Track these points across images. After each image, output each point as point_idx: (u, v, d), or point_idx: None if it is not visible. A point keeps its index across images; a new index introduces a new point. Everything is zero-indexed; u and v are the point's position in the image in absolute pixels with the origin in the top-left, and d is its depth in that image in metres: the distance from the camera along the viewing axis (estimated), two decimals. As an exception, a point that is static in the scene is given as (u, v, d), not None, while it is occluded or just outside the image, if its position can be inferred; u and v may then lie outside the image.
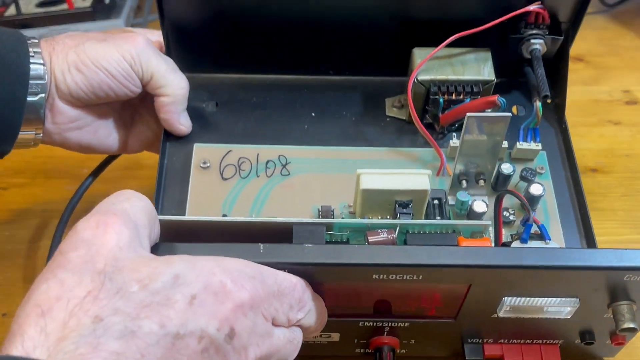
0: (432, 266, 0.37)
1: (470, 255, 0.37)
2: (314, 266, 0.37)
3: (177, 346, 0.30)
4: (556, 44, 0.52)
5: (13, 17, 0.92)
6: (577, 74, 0.86)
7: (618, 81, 0.83)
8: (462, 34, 0.49)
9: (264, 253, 0.37)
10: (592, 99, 0.80)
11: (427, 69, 0.50)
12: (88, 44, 0.49)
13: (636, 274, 0.37)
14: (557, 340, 0.45)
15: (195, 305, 0.31)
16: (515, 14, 0.50)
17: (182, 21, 0.54)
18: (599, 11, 0.95)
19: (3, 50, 0.47)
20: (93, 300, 0.30)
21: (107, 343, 0.29)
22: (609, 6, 0.98)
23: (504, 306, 0.41)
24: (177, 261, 0.33)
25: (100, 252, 0.32)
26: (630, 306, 0.40)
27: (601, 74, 0.85)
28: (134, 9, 1.02)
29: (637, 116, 0.76)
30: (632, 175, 0.68)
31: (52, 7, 0.94)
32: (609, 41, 0.93)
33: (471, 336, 0.45)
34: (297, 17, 0.53)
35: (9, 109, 0.47)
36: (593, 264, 0.37)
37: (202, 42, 0.56)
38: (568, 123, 0.56)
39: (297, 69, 0.57)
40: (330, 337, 0.45)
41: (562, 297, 0.40)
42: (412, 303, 0.42)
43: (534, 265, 0.37)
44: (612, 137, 0.73)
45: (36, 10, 0.94)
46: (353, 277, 0.39)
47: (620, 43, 0.92)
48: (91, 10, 0.93)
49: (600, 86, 0.82)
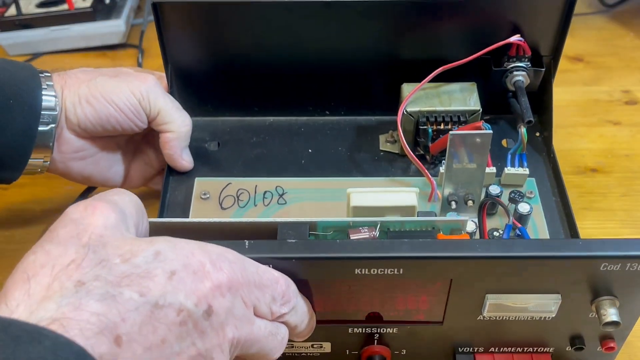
0: (412, 258, 0.39)
1: (448, 246, 0.39)
2: (297, 260, 0.39)
3: (156, 315, 0.31)
4: (539, 75, 0.55)
5: (13, 17, 0.93)
6: (577, 74, 0.86)
7: (618, 81, 0.83)
8: (447, 66, 0.52)
9: (249, 248, 0.38)
10: (592, 99, 0.80)
11: (415, 101, 0.53)
12: (100, 79, 0.52)
13: (612, 263, 0.38)
14: (547, 347, 0.46)
15: (175, 281, 0.32)
16: (496, 46, 0.52)
17: (185, 67, 0.57)
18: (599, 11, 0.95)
19: (17, 83, 0.49)
20: (76, 268, 0.31)
21: (89, 304, 0.30)
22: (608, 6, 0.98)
23: (487, 304, 0.41)
24: (159, 241, 0.34)
25: (86, 229, 0.33)
26: (612, 301, 0.41)
27: (601, 74, 0.85)
28: (134, 9, 1.02)
29: (637, 116, 0.77)
30: (632, 175, 0.68)
31: (53, 7, 0.95)
32: (608, 41, 0.93)
33: (462, 345, 0.46)
34: (293, 64, 0.57)
35: (22, 138, 0.50)
36: (568, 253, 0.38)
37: (204, 87, 0.59)
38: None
39: (295, 111, 0.60)
40: (322, 348, 0.46)
41: (543, 293, 0.41)
42: (398, 305, 0.43)
43: (510, 255, 0.38)
44: (612, 137, 0.73)
45: (36, 11, 0.95)
46: (336, 272, 0.40)
47: (620, 43, 0.92)
48: (91, 11, 0.93)
49: (600, 86, 0.83)
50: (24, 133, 0.50)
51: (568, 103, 0.80)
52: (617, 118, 0.76)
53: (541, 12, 0.53)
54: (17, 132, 0.50)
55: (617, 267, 0.38)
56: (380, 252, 0.38)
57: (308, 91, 0.59)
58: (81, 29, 0.93)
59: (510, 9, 0.53)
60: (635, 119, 0.76)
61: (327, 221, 0.43)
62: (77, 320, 0.29)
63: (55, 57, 0.94)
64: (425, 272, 0.40)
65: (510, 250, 0.39)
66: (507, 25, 0.53)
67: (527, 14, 0.53)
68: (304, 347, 0.46)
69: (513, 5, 0.53)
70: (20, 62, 0.52)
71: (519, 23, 0.53)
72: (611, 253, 0.38)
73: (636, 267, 0.38)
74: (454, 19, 0.54)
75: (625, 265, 0.38)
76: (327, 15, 0.54)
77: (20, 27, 0.93)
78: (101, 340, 0.29)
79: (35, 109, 0.50)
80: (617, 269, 0.39)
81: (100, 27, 0.94)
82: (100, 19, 0.94)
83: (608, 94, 0.81)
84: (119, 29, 0.94)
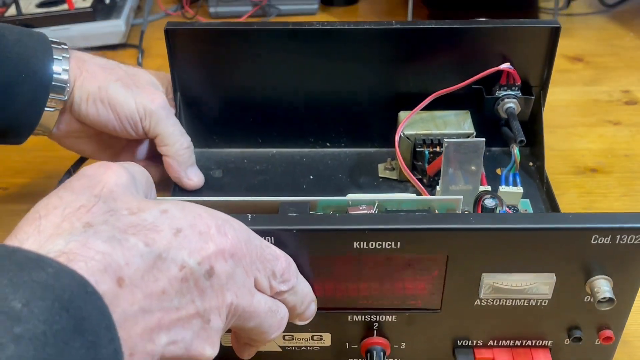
0: (408, 230, 0.39)
1: (443, 218, 0.40)
2: (297, 231, 0.39)
3: (159, 266, 0.32)
4: (529, 104, 0.57)
5: (13, 17, 0.93)
6: (577, 74, 0.86)
7: (618, 81, 0.84)
8: (441, 92, 0.54)
9: (251, 221, 0.39)
10: (591, 99, 0.80)
11: (412, 125, 0.55)
12: (113, 86, 0.53)
13: (602, 235, 0.39)
14: (546, 341, 0.46)
15: (180, 238, 0.33)
16: (487, 72, 0.54)
17: (193, 97, 0.60)
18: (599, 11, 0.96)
19: (31, 58, 0.50)
20: (86, 212, 0.32)
21: (95, 243, 0.30)
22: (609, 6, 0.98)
23: (483, 285, 0.42)
24: (168, 201, 0.35)
25: (99, 183, 0.34)
26: (606, 280, 0.42)
27: (601, 74, 0.86)
28: (134, 9, 1.03)
29: (637, 116, 0.77)
30: (632, 175, 0.68)
31: (53, 7, 0.95)
32: (608, 41, 0.93)
33: (460, 337, 0.46)
34: (294, 100, 0.60)
35: (30, 110, 0.51)
36: (559, 225, 0.40)
37: (211, 118, 0.61)
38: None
39: (297, 143, 0.63)
40: (322, 340, 0.47)
41: (538, 272, 0.42)
42: (396, 291, 0.44)
43: (503, 227, 0.39)
44: (612, 137, 0.73)
45: (36, 11, 0.95)
46: (335, 245, 0.41)
47: (620, 43, 0.92)
48: (91, 11, 0.93)
49: (600, 86, 0.83)
50: (32, 105, 0.51)
51: (568, 103, 0.80)
52: (617, 118, 0.76)
53: (529, 44, 0.56)
54: (26, 105, 0.51)
55: (608, 240, 0.40)
56: (378, 223, 0.40)
57: (310, 124, 0.62)
58: (81, 29, 0.94)
59: (500, 41, 0.56)
60: (635, 119, 0.76)
61: (327, 200, 0.44)
62: (83, 256, 0.30)
63: (55, 57, 0.94)
64: (421, 246, 0.41)
65: (503, 222, 0.40)
66: (498, 56, 0.56)
67: (516, 45, 0.56)
68: (304, 339, 0.46)
69: (503, 38, 0.56)
70: (34, 33, 0.53)
71: (509, 54, 0.56)
72: (601, 225, 0.39)
73: (626, 239, 0.39)
74: (447, 50, 0.57)
75: (615, 237, 0.39)
76: (327, 46, 0.57)
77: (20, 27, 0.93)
78: (104, 278, 0.30)
79: (45, 84, 0.51)
80: (608, 241, 0.40)
81: (100, 27, 0.94)
82: (100, 19, 0.94)
83: (608, 94, 0.81)
84: (119, 29, 0.94)
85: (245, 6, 1.03)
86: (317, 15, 1.07)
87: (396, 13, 1.05)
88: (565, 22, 1.00)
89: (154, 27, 1.01)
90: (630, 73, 0.86)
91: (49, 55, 0.51)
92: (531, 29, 0.55)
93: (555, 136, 0.73)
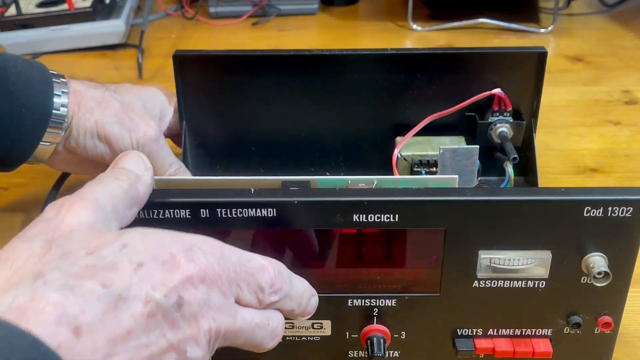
0: (407, 202, 0.41)
1: (440, 192, 0.42)
2: (299, 203, 0.40)
3: (120, 306, 0.31)
4: (521, 129, 0.58)
5: (13, 17, 0.93)
6: (577, 74, 0.86)
7: (618, 81, 0.84)
8: (435, 115, 0.56)
9: (254, 193, 0.40)
10: (591, 99, 0.80)
11: (408, 147, 0.57)
12: (109, 122, 0.54)
13: (594, 207, 0.40)
14: (545, 329, 0.47)
15: (142, 272, 0.32)
16: (479, 97, 0.56)
17: (198, 126, 0.61)
18: (599, 11, 0.96)
19: (31, 91, 0.51)
20: (37, 261, 0.31)
21: (46, 294, 0.29)
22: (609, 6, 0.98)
23: (481, 263, 0.43)
24: (130, 232, 0.34)
25: (57, 226, 0.33)
26: (601, 257, 0.43)
27: (601, 74, 0.86)
28: (134, 9, 1.03)
29: (637, 116, 0.77)
30: (632, 175, 0.68)
31: (53, 7, 0.95)
32: (608, 41, 0.93)
33: (460, 326, 0.47)
34: (295, 129, 0.61)
35: (27, 142, 0.52)
36: (553, 197, 0.41)
37: (215, 149, 0.62)
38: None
39: (297, 171, 0.63)
40: (322, 329, 0.47)
41: (534, 249, 0.43)
42: (396, 274, 0.45)
43: (498, 199, 0.41)
44: (612, 137, 0.73)
45: (36, 11, 0.95)
46: (335, 218, 0.41)
47: (620, 43, 0.93)
48: (91, 11, 0.93)
49: (600, 86, 0.83)
50: (29, 138, 0.52)
51: (568, 103, 0.80)
52: (617, 118, 0.76)
53: (517, 70, 0.58)
54: (23, 138, 0.52)
55: (600, 212, 0.41)
56: (377, 196, 0.41)
57: (310, 153, 0.63)
58: (81, 29, 0.94)
59: (489, 67, 0.58)
60: (635, 119, 0.76)
61: (327, 179, 0.45)
62: (33, 310, 0.28)
63: (55, 57, 0.95)
64: (419, 220, 0.42)
65: (498, 195, 0.41)
66: (489, 83, 0.58)
67: (505, 71, 0.58)
68: (304, 327, 0.47)
69: (492, 63, 0.58)
70: (35, 65, 0.53)
71: (499, 80, 0.58)
72: (593, 197, 0.40)
73: (617, 212, 0.41)
74: (440, 78, 0.58)
75: (607, 210, 0.40)
76: (326, 73, 0.59)
77: (20, 27, 0.94)
78: (59, 331, 0.28)
79: (44, 119, 0.52)
80: (600, 214, 0.41)
81: (100, 27, 0.94)
82: (100, 19, 0.95)
83: (608, 94, 0.81)
84: (119, 29, 0.94)
85: (245, 6, 1.03)
86: (317, 15, 1.07)
87: (396, 13, 1.05)
88: (565, 22, 1.01)
89: (154, 27, 1.02)
90: (630, 73, 0.86)
91: (50, 90, 0.52)
92: (519, 55, 0.57)
93: (555, 136, 0.73)
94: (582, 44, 0.93)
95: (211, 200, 0.40)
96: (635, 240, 0.42)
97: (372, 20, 1.06)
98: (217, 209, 0.40)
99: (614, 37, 0.94)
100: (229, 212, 0.40)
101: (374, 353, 0.45)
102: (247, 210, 0.40)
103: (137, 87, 0.60)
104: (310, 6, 1.06)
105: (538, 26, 0.98)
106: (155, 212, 0.40)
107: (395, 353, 0.47)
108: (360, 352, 0.47)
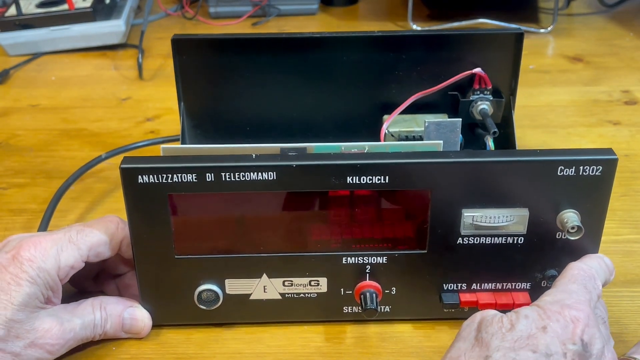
0: (396, 164, 0.44)
1: (426, 155, 0.46)
2: (297, 167, 0.44)
3: None
4: (500, 106, 0.62)
5: (13, 17, 0.94)
6: (576, 74, 0.87)
7: (617, 81, 0.85)
8: (420, 94, 0.59)
9: (256, 159, 0.44)
10: (591, 99, 0.81)
11: (395, 124, 0.60)
12: None
13: (567, 166, 0.45)
14: (524, 282, 0.50)
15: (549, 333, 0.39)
16: (461, 76, 0.59)
17: (195, 109, 0.62)
18: (599, 11, 0.96)
19: None
20: None
21: None
22: (608, 6, 0.99)
23: (464, 220, 0.47)
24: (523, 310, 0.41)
25: None
26: (574, 213, 0.47)
27: (600, 74, 0.86)
28: (134, 9, 1.03)
29: (637, 116, 0.77)
30: (632, 175, 0.68)
31: (53, 7, 0.96)
32: (608, 41, 0.94)
33: (446, 280, 0.50)
34: (289, 111, 0.62)
35: None
36: (529, 157, 0.45)
37: (211, 130, 0.63)
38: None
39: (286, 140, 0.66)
40: (319, 285, 0.50)
41: (513, 207, 0.47)
42: (386, 232, 0.48)
43: (479, 160, 0.44)
44: (612, 137, 0.73)
45: (36, 11, 0.96)
46: (330, 180, 0.45)
47: (620, 43, 0.93)
48: (91, 11, 0.95)
49: (600, 86, 0.84)
50: None
51: (568, 103, 0.80)
52: (617, 118, 0.77)
53: (496, 51, 0.60)
54: None
55: (572, 171, 0.45)
56: (369, 159, 0.45)
57: (302, 132, 0.64)
58: (81, 29, 0.95)
59: (471, 49, 0.60)
60: (635, 119, 0.77)
61: (322, 146, 0.50)
62: None
63: (55, 57, 0.95)
64: (408, 181, 0.46)
65: (479, 157, 0.45)
66: (471, 64, 0.60)
67: (485, 52, 0.60)
68: (302, 284, 0.50)
69: (473, 45, 0.60)
70: None
71: (480, 61, 0.60)
72: (565, 157, 0.45)
73: (588, 171, 0.45)
74: (425, 59, 0.61)
75: (578, 169, 0.45)
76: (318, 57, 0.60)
77: (20, 27, 0.94)
78: None
79: None
80: (572, 173, 0.45)
81: (100, 27, 0.95)
82: (100, 19, 0.95)
83: (608, 94, 0.82)
84: (119, 29, 0.95)
85: (246, 6, 1.04)
86: (317, 15, 1.07)
87: (396, 13, 1.06)
88: (565, 22, 1.01)
89: (154, 27, 1.02)
90: (630, 73, 0.86)
91: None
92: (497, 36, 0.60)
93: (555, 136, 0.73)
94: (582, 44, 0.93)
95: (216, 165, 0.44)
96: (605, 196, 0.46)
97: (372, 21, 1.07)
98: (222, 172, 0.44)
99: (614, 37, 0.95)
100: (233, 175, 0.44)
101: (367, 307, 0.48)
102: (249, 174, 0.44)
103: None
104: (310, 6, 1.07)
105: (538, 26, 1.00)
106: (164, 177, 0.44)
107: (386, 308, 0.51)
108: (354, 308, 0.51)
